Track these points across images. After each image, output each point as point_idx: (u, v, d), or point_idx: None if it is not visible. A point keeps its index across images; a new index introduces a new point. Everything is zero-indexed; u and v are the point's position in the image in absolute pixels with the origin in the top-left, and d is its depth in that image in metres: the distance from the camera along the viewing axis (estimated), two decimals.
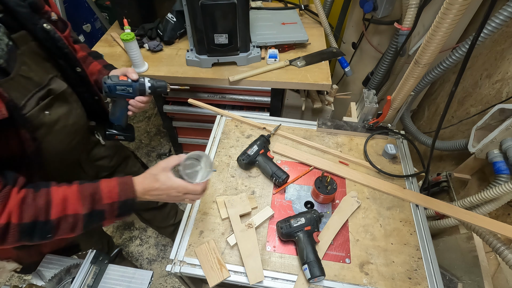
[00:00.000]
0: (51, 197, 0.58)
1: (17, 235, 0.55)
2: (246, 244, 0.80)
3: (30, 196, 0.56)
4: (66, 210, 0.58)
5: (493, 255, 0.97)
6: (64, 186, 0.61)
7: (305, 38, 1.42)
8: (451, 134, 1.36)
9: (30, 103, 0.62)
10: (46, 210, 0.56)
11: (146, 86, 0.77)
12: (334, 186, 0.89)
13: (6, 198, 0.54)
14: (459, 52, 1.08)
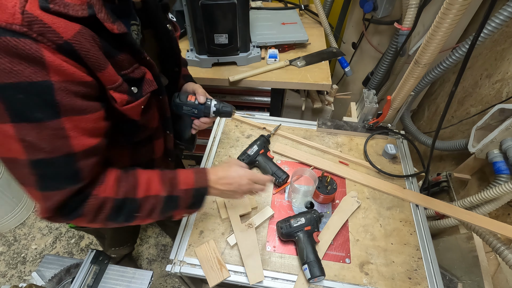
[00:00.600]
0: (137, 177, 0.60)
1: (109, 211, 0.55)
2: (246, 244, 0.80)
3: (123, 174, 0.59)
4: (149, 191, 0.60)
5: (493, 255, 0.97)
6: (147, 170, 0.63)
7: (305, 38, 1.42)
8: (451, 134, 1.36)
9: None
10: (134, 188, 0.58)
11: (211, 110, 0.78)
12: (334, 186, 0.89)
13: (106, 174, 0.57)
14: (459, 52, 1.08)
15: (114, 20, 0.48)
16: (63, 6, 0.42)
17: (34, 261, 1.70)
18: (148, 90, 0.58)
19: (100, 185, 0.54)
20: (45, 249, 1.75)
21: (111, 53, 0.50)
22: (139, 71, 0.56)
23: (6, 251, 1.74)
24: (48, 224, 1.85)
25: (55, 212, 0.52)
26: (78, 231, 1.82)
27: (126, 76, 0.53)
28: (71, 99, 0.45)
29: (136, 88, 0.56)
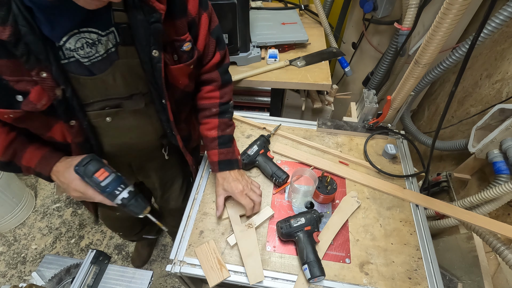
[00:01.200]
0: None
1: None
2: (246, 244, 0.80)
3: None
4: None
5: (493, 255, 0.97)
6: (5, 131, 0.64)
7: (305, 38, 1.42)
8: (451, 134, 1.36)
9: (95, 106, 0.65)
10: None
11: (115, 201, 0.68)
12: (334, 186, 0.89)
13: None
14: (459, 52, 1.08)
15: None
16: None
17: (34, 261, 1.70)
18: (23, 108, 0.55)
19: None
20: (45, 249, 1.75)
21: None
22: (23, 86, 0.53)
23: (6, 251, 1.74)
24: (48, 224, 1.85)
25: None
26: (78, 231, 1.82)
27: (5, 81, 0.52)
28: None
29: (22, 97, 0.54)
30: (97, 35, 0.56)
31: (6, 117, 0.56)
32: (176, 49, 0.67)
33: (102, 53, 0.58)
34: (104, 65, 0.60)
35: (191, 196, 0.94)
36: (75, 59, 0.56)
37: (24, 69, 0.51)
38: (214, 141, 0.85)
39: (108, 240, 1.79)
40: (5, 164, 0.67)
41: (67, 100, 0.59)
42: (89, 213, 1.89)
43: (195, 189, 0.95)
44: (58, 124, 0.64)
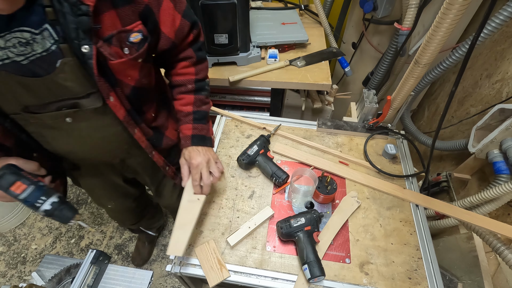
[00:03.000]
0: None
1: None
2: (185, 215, 0.75)
3: None
4: None
5: (493, 255, 0.97)
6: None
7: (305, 38, 1.42)
8: (451, 134, 1.36)
9: (51, 107, 0.63)
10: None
11: (40, 210, 0.66)
12: (334, 186, 0.89)
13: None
14: (459, 52, 1.08)
15: None
16: None
17: (34, 261, 1.70)
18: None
19: None
20: (45, 249, 1.75)
21: None
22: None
23: (6, 251, 1.74)
24: (48, 224, 1.85)
25: None
26: (78, 231, 1.82)
27: None
28: None
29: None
30: (30, 33, 0.53)
31: None
32: (122, 41, 0.61)
33: (40, 51, 0.55)
34: (49, 64, 0.57)
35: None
36: (11, 60, 0.54)
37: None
38: (188, 116, 0.82)
39: (108, 240, 1.79)
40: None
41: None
42: (89, 214, 1.89)
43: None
44: None
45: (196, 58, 0.81)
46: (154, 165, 0.91)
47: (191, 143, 0.81)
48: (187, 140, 0.82)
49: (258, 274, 0.77)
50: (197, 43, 0.80)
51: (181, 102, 0.82)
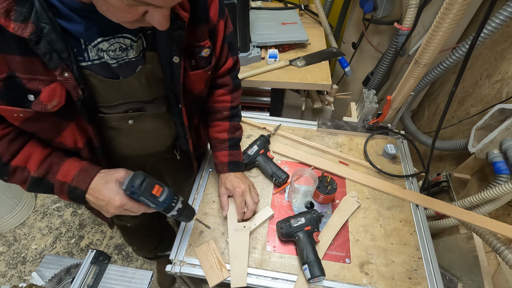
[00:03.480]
0: (24, 145, 0.60)
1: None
2: (237, 245, 0.79)
3: (11, 136, 0.58)
4: (27, 164, 0.60)
5: (493, 255, 0.97)
6: (38, 144, 0.61)
7: (305, 38, 1.42)
8: (451, 134, 1.36)
9: (119, 108, 0.64)
10: (13, 154, 0.58)
11: (170, 213, 0.67)
12: (334, 186, 0.89)
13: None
14: (459, 52, 1.08)
15: (19, 19, 0.43)
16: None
17: (34, 261, 1.70)
18: (34, 108, 0.52)
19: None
20: (45, 249, 1.75)
21: (4, 49, 0.46)
22: (35, 85, 0.51)
23: (6, 251, 1.74)
24: (48, 224, 1.85)
25: None
26: (78, 231, 1.82)
27: (18, 78, 0.49)
28: None
29: (33, 96, 0.51)
30: (131, 40, 0.56)
31: (16, 117, 0.53)
32: (195, 54, 0.67)
33: (131, 57, 0.58)
34: (131, 69, 0.60)
35: (191, 196, 0.94)
36: (102, 61, 0.56)
37: (38, 68, 0.49)
38: (224, 143, 0.86)
39: (108, 240, 1.79)
40: (38, 181, 0.61)
41: (86, 101, 0.57)
42: (89, 213, 1.89)
43: (195, 189, 0.96)
44: (69, 128, 0.61)
45: (233, 86, 0.85)
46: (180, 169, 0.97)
47: (228, 170, 0.86)
48: (224, 167, 0.87)
49: (258, 274, 0.77)
50: (234, 70, 0.85)
51: (216, 129, 0.87)
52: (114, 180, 0.62)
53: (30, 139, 0.61)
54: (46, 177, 0.61)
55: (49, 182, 0.61)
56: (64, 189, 0.61)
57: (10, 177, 0.60)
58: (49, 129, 0.60)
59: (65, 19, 0.48)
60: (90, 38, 0.52)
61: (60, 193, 0.63)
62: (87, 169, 0.63)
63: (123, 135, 0.71)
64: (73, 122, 0.60)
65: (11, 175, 0.59)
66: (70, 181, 0.61)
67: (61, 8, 0.47)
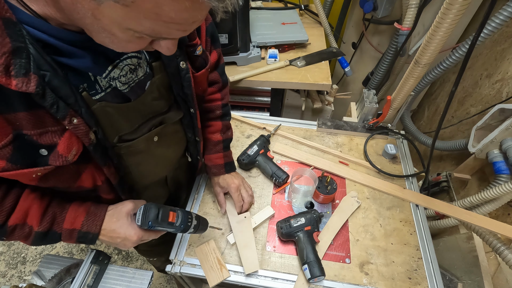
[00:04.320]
0: (18, 202, 0.54)
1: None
2: (242, 234, 0.81)
3: (0, 194, 0.52)
4: (23, 220, 0.54)
5: (493, 255, 0.97)
6: (33, 195, 0.55)
7: (305, 38, 1.42)
8: (451, 134, 1.36)
9: (142, 130, 0.62)
10: (8, 213, 0.52)
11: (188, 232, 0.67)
12: (334, 186, 0.89)
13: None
14: (459, 52, 1.08)
15: (20, 74, 0.37)
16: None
17: (34, 261, 1.70)
18: (52, 163, 0.47)
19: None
20: (45, 249, 1.75)
21: (4, 108, 0.40)
22: (50, 138, 0.45)
23: (6, 251, 1.74)
24: None
25: None
26: None
27: (27, 136, 0.43)
28: None
29: (46, 151, 0.46)
30: (137, 58, 0.54)
31: (34, 177, 0.48)
32: (190, 55, 0.63)
33: (140, 76, 0.55)
34: (141, 88, 0.57)
35: (191, 196, 0.94)
36: (112, 88, 0.52)
37: (47, 120, 0.44)
38: (218, 145, 0.86)
39: None
40: (43, 235, 0.56)
41: (100, 143, 0.53)
42: None
43: (195, 189, 0.96)
44: (87, 171, 0.56)
45: (222, 83, 0.83)
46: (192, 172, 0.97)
47: (225, 171, 0.87)
48: (220, 169, 0.87)
49: (258, 274, 0.77)
50: (220, 65, 0.81)
51: (209, 130, 0.85)
52: (125, 216, 0.61)
53: (22, 192, 0.55)
54: (52, 229, 0.57)
55: (56, 233, 0.57)
56: (73, 235, 0.58)
57: (9, 236, 0.54)
58: (68, 179, 0.55)
59: (66, 56, 0.44)
60: (99, 70, 0.49)
61: (68, 240, 0.59)
62: (94, 211, 0.60)
63: (150, 155, 0.68)
64: (90, 164, 0.55)
65: (10, 234, 0.53)
66: (80, 227, 0.58)
67: (60, 45, 0.42)
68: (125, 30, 0.38)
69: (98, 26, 0.37)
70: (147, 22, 0.36)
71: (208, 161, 0.88)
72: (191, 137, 0.79)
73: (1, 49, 0.35)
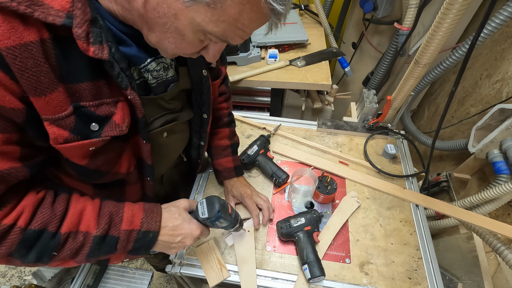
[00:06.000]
0: (69, 205, 0.50)
1: (14, 244, 0.44)
2: (243, 248, 0.80)
3: (49, 199, 0.48)
4: (79, 225, 0.49)
5: (493, 255, 0.97)
6: (84, 197, 0.53)
7: (305, 38, 1.42)
8: (451, 134, 1.36)
9: (155, 124, 0.63)
10: (61, 218, 0.48)
11: (236, 226, 0.68)
12: (334, 186, 0.89)
13: (22, 194, 0.46)
14: (459, 52, 1.08)
15: (97, 41, 0.40)
16: (31, 5, 0.34)
17: None
18: (108, 133, 0.48)
19: (5, 208, 0.43)
20: None
21: (69, 77, 0.41)
22: (106, 109, 0.47)
23: None
24: None
25: None
26: None
27: (84, 108, 0.44)
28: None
29: (97, 125, 0.47)
30: (170, 59, 0.57)
31: (88, 152, 0.48)
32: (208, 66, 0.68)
33: (168, 76, 0.58)
34: (165, 87, 0.60)
35: (191, 196, 0.94)
36: (142, 80, 0.55)
37: (104, 92, 0.46)
38: (227, 149, 0.89)
39: None
40: (101, 240, 0.51)
41: (145, 117, 0.54)
42: None
43: (195, 189, 0.96)
44: (126, 152, 0.57)
45: (228, 94, 0.89)
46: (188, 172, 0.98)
47: (235, 174, 0.89)
48: (230, 172, 0.89)
49: (258, 274, 0.77)
50: (227, 79, 0.88)
51: (218, 137, 0.89)
52: (184, 212, 0.61)
53: (70, 196, 0.51)
54: (109, 233, 0.52)
55: (113, 237, 0.52)
56: (131, 239, 0.54)
57: (60, 250, 0.48)
58: (112, 159, 0.54)
59: (117, 40, 0.47)
60: (141, 60, 0.52)
61: (123, 248, 0.53)
62: (151, 208, 0.58)
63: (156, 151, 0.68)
64: (128, 145, 0.56)
65: (61, 247, 0.48)
66: (139, 226, 0.54)
67: (115, 30, 0.46)
68: (196, 32, 0.42)
69: (172, 26, 0.41)
70: (223, 25, 0.40)
71: (218, 166, 0.90)
72: (196, 142, 0.81)
73: (84, 17, 0.38)
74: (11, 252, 0.44)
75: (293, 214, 0.84)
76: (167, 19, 0.40)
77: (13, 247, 0.44)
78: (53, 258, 0.48)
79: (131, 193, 0.67)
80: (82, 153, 0.48)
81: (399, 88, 0.92)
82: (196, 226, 0.61)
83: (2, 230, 0.43)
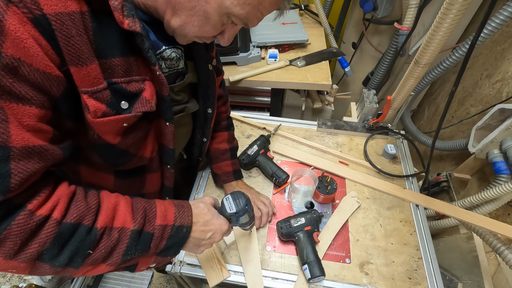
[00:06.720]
0: (101, 199, 0.47)
1: (48, 239, 0.39)
2: (247, 249, 0.80)
3: (81, 193, 0.45)
4: (114, 221, 0.46)
5: (493, 255, 0.97)
6: (116, 193, 0.51)
7: (305, 38, 1.42)
8: (451, 134, 1.36)
9: None
10: (96, 212, 0.45)
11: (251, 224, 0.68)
12: (334, 186, 0.89)
13: (56, 184, 0.43)
14: (459, 52, 1.08)
15: (130, 14, 0.41)
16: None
17: None
18: (139, 109, 0.48)
19: (39, 197, 0.39)
20: None
21: (105, 52, 0.42)
22: (136, 85, 0.47)
23: None
24: None
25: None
26: None
27: (116, 85, 0.44)
28: (14, 81, 0.35)
29: (127, 103, 0.47)
30: (181, 51, 0.59)
31: (122, 128, 0.48)
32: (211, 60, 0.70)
33: (179, 68, 0.60)
34: (175, 79, 0.61)
35: (191, 196, 0.94)
36: None
37: (133, 69, 0.47)
38: (226, 153, 0.89)
39: None
40: (138, 235, 0.48)
41: None
42: None
43: (195, 189, 0.96)
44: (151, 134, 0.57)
45: (226, 98, 0.90)
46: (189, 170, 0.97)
47: (234, 178, 0.89)
48: (229, 176, 0.89)
49: None
50: (223, 81, 0.88)
51: (217, 140, 0.89)
52: (211, 207, 0.60)
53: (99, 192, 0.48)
54: (144, 228, 0.49)
55: (148, 234, 0.49)
56: (164, 235, 0.51)
57: (95, 247, 0.44)
58: (139, 140, 0.54)
59: None
60: (157, 45, 0.53)
61: (156, 247, 0.50)
62: (181, 203, 0.56)
63: None
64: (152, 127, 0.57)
65: (97, 244, 0.44)
66: (173, 221, 0.52)
67: None
68: (222, 15, 0.45)
69: (201, 9, 0.44)
70: (248, 8, 0.44)
71: (217, 170, 0.90)
72: (198, 139, 0.81)
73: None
74: (42, 252, 0.39)
75: (293, 214, 0.84)
76: (197, 2, 0.43)
77: (46, 244, 0.38)
78: (87, 259, 0.43)
79: (151, 183, 0.66)
80: (117, 129, 0.48)
81: (399, 88, 0.92)
82: (224, 221, 0.60)
83: (36, 222, 0.37)
